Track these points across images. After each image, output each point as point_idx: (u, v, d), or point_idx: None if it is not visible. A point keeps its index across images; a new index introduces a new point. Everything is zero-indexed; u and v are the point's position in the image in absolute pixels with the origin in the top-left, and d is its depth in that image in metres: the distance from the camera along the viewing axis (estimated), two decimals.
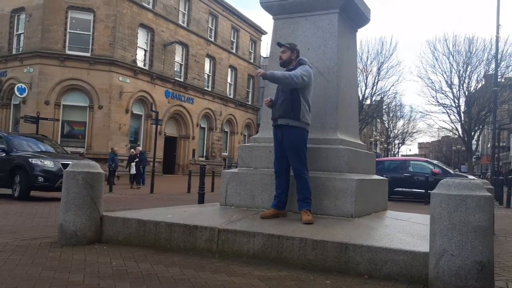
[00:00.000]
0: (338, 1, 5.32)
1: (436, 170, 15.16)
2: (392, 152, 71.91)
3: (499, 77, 27.80)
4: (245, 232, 4.10)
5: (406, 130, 63.13)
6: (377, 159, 24.20)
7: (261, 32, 41.25)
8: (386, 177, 15.13)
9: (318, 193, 4.92)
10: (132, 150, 20.63)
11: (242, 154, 5.67)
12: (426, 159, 17.39)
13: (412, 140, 68.70)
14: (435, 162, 16.56)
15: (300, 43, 5.54)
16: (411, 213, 6.61)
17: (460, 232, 3.15)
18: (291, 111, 4.77)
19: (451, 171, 15.76)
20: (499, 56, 25.50)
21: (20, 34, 25.45)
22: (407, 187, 15.29)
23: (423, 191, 14.55)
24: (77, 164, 4.92)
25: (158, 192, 15.98)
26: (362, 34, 79.64)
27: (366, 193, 5.18)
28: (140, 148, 20.71)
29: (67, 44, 24.23)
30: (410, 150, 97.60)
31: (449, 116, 34.42)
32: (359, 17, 5.97)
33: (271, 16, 5.89)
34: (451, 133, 38.86)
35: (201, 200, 7.70)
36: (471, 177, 18.47)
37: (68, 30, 24.26)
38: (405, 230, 4.44)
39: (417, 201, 15.00)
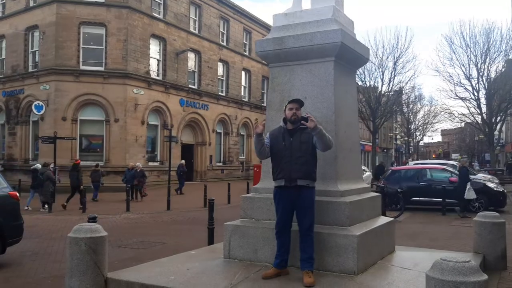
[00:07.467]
0: (333, 50, 5.23)
1: (453, 178, 14.87)
2: (414, 143, 70.91)
3: None
4: None
5: (427, 121, 62.10)
6: (393, 168, 23.77)
7: None
8: (402, 186, 14.85)
9: (320, 249, 4.88)
10: (131, 164, 20.67)
11: (244, 205, 5.64)
12: (443, 166, 17.04)
13: (433, 130, 67.64)
14: (451, 169, 16.23)
15: (297, 91, 5.51)
16: (420, 251, 6.49)
17: None
18: (312, 173, 4.79)
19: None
20: None
21: (35, 51, 25.84)
22: (424, 196, 15.02)
23: (441, 200, 14.32)
24: (80, 229, 4.99)
25: (175, 207, 16.15)
26: (377, 29, 78.56)
27: (370, 245, 5.11)
28: (140, 165, 20.77)
29: (81, 60, 24.50)
30: (432, 138, 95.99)
31: (469, 110, 33.69)
32: (357, 59, 5.88)
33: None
34: (473, 123, 37.99)
35: (210, 237, 7.74)
36: (489, 177, 18.04)
37: (81, 45, 24.51)
38: None
39: (435, 209, 14.73)
